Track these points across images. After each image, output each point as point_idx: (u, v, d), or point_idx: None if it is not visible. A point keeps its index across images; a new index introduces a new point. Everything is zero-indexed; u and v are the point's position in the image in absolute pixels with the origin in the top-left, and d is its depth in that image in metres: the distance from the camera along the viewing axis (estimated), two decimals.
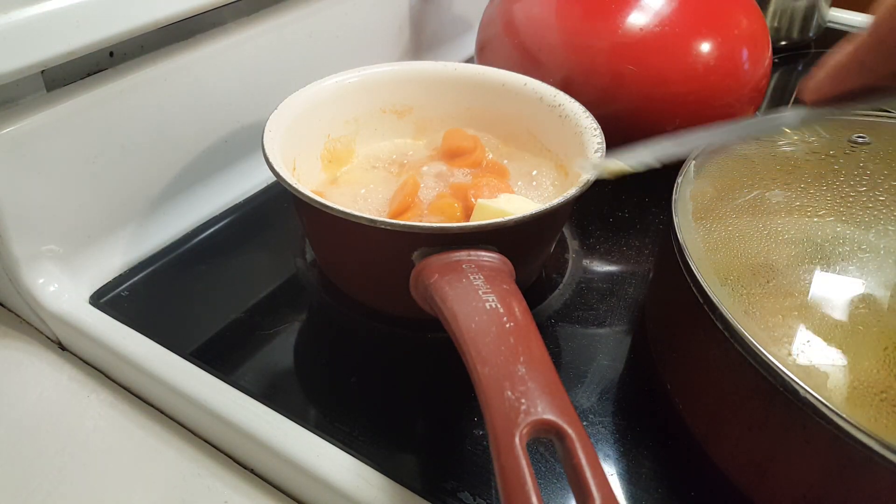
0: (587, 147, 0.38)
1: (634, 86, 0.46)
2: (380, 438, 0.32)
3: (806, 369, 0.26)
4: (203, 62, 0.44)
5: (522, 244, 0.35)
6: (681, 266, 0.31)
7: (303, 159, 0.41)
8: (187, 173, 0.45)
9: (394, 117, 0.46)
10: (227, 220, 0.46)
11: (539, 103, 0.43)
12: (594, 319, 0.39)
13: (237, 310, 0.39)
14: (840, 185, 0.34)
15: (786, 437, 0.26)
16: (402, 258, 0.31)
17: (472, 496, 0.30)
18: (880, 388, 0.25)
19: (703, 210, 0.34)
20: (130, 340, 0.37)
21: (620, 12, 0.47)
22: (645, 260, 0.44)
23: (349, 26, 0.54)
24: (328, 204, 0.32)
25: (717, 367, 0.29)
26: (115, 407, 0.36)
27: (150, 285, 0.41)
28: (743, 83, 0.48)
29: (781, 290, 0.29)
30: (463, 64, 0.45)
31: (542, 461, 0.31)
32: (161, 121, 0.43)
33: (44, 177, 0.37)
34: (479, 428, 0.33)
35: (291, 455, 0.31)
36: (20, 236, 0.37)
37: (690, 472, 0.31)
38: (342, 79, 0.43)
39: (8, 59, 0.33)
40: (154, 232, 0.44)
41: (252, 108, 0.48)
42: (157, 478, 0.33)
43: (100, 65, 0.40)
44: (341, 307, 0.40)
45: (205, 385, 0.34)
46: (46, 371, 0.39)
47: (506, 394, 0.23)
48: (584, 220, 0.47)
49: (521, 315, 0.27)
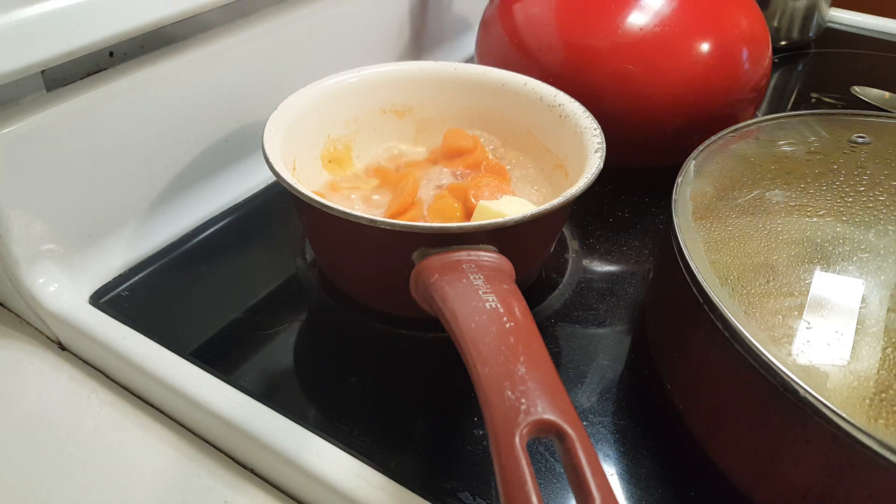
0: (587, 147, 0.38)
1: (634, 86, 0.46)
2: (380, 438, 0.32)
3: (806, 369, 0.26)
4: (203, 62, 0.44)
5: (522, 244, 0.35)
6: (681, 266, 0.31)
7: (303, 159, 0.41)
8: (187, 173, 0.45)
9: (394, 117, 0.46)
10: (227, 220, 0.46)
11: (539, 103, 0.43)
12: (594, 319, 0.39)
13: (237, 310, 0.39)
14: (840, 185, 0.34)
15: (786, 437, 0.26)
16: (402, 258, 0.31)
17: (472, 496, 0.30)
18: (880, 388, 0.25)
19: (703, 210, 0.34)
20: (130, 340, 0.37)
21: (620, 12, 0.47)
22: (645, 260, 0.44)
23: (349, 26, 0.54)
24: (328, 204, 0.32)
25: (717, 367, 0.29)
26: (115, 407, 0.36)
27: (150, 285, 0.41)
28: (743, 83, 0.48)
29: (781, 290, 0.29)
30: (463, 64, 0.45)
31: (542, 461, 0.31)
32: (161, 121, 0.43)
33: (44, 177, 0.37)
34: (479, 428, 0.33)
35: (291, 455, 0.31)
36: (20, 236, 0.37)
37: (690, 472, 0.31)
38: (342, 79, 0.43)
39: (8, 59, 0.33)
40: (154, 232, 0.44)
41: (252, 108, 0.48)
42: (157, 478, 0.33)
43: (100, 65, 0.40)
44: (341, 307, 0.40)
45: (205, 385, 0.34)
46: (46, 371, 0.39)
47: (506, 394, 0.23)
48: (584, 220, 0.47)
49: (521, 315, 0.27)
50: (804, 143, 0.38)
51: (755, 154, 0.38)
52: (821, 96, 0.65)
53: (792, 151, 0.38)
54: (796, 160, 0.37)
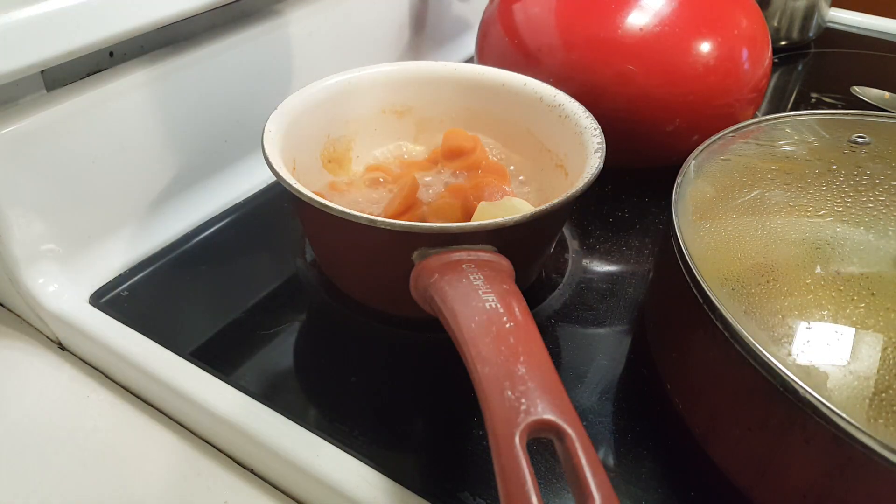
0: (587, 147, 0.38)
1: (634, 86, 0.46)
2: (380, 438, 0.32)
3: (806, 369, 0.26)
4: (203, 62, 0.44)
5: (522, 244, 0.35)
6: (681, 266, 0.31)
7: (303, 159, 0.41)
8: (187, 173, 0.45)
9: (394, 117, 0.46)
10: (227, 220, 0.46)
11: (539, 103, 0.43)
12: (594, 319, 0.39)
13: (237, 310, 0.39)
14: (840, 185, 0.34)
15: (786, 437, 0.26)
16: (402, 258, 0.31)
17: (472, 496, 0.30)
18: (880, 388, 0.25)
19: (703, 210, 0.34)
20: (130, 340, 0.37)
21: (620, 12, 0.47)
22: (645, 260, 0.44)
23: (349, 26, 0.54)
24: (328, 204, 0.32)
25: (717, 367, 0.29)
26: (116, 407, 0.36)
27: (150, 285, 0.41)
28: (743, 83, 0.48)
29: (781, 290, 0.29)
30: (463, 64, 0.45)
31: (542, 461, 0.31)
32: (161, 121, 0.43)
33: (44, 177, 0.37)
34: (479, 428, 0.33)
35: (291, 455, 0.31)
36: (20, 236, 0.37)
37: (690, 472, 0.31)
38: (342, 79, 0.43)
39: (8, 59, 0.33)
40: (154, 232, 0.44)
41: (252, 108, 0.48)
42: (156, 478, 0.33)
43: (100, 65, 0.40)
44: (341, 307, 0.40)
45: (205, 385, 0.34)
46: (46, 371, 0.39)
47: (506, 394, 0.23)
48: (584, 220, 0.47)
49: (521, 315, 0.27)
50: (804, 143, 0.38)
51: (755, 154, 0.38)
52: (821, 96, 0.65)
53: (792, 151, 0.38)
54: (796, 160, 0.37)
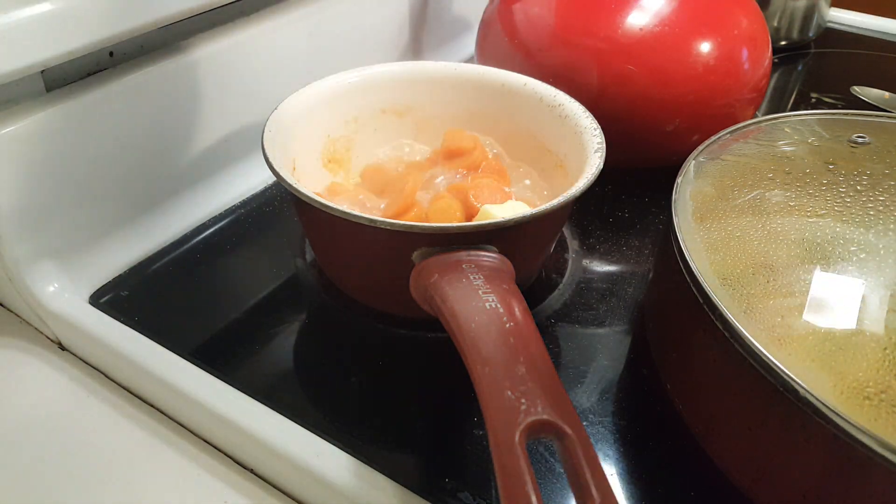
0: (587, 147, 0.38)
1: (634, 86, 0.46)
2: (380, 438, 0.32)
3: (806, 369, 0.26)
4: (203, 62, 0.44)
5: (522, 244, 0.35)
6: (681, 266, 0.31)
7: (303, 159, 0.41)
8: (187, 173, 0.45)
9: (394, 117, 0.46)
10: (227, 220, 0.46)
11: (539, 103, 0.43)
12: (594, 319, 0.39)
13: (237, 310, 0.39)
14: (840, 184, 0.34)
15: (786, 437, 0.26)
16: (402, 258, 0.31)
17: (472, 496, 0.30)
18: (880, 388, 0.25)
19: (703, 210, 0.34)
20: (130, 340, 0.37)
21: (620, 12, 0.47)
22: (645, 260, 0.44)
23: (349, 26, 0.54)
24: (328, 204, 0.32)
25: (717, 367, 0.29)
26: (116, 407, 0.36)
27: (150, 285, 0.41)
28: (743, 83, 0.48)
29: (781, 290, 0.29)
30: (463, 64, 0.45)
31: (542, 461, 0.31)
32: (161, 121, 0.43)
33: (44, 177, 0.37)
34: (479, 428, 0.33)
35: (291, 455, 0.31)
36: (20, 236, 0.37)
37: (690, 472, 0.31)
38: (342, 79, 0.43)
39: (8, 59, 0.33)
40: (154, 232, 0.44)
41: (252, 107, 0.48)
42: (156, 478, 0.33)
43: (100, 65, 0.40)
44: (341, 307, 0.40)
45: (205, 385, 0.34)
46: (46, 371, 0.39)
47: (506, 394, 0.23)
48: (584, 220, 0.47)
49: (521, 315, 0.27)
50: (804, 143, 0.38)
51: (755, 154, 0.38)
52: (821, 96, 0.65)
53: (792, 151, 0.38)
54: (796, 160, 0.37)
